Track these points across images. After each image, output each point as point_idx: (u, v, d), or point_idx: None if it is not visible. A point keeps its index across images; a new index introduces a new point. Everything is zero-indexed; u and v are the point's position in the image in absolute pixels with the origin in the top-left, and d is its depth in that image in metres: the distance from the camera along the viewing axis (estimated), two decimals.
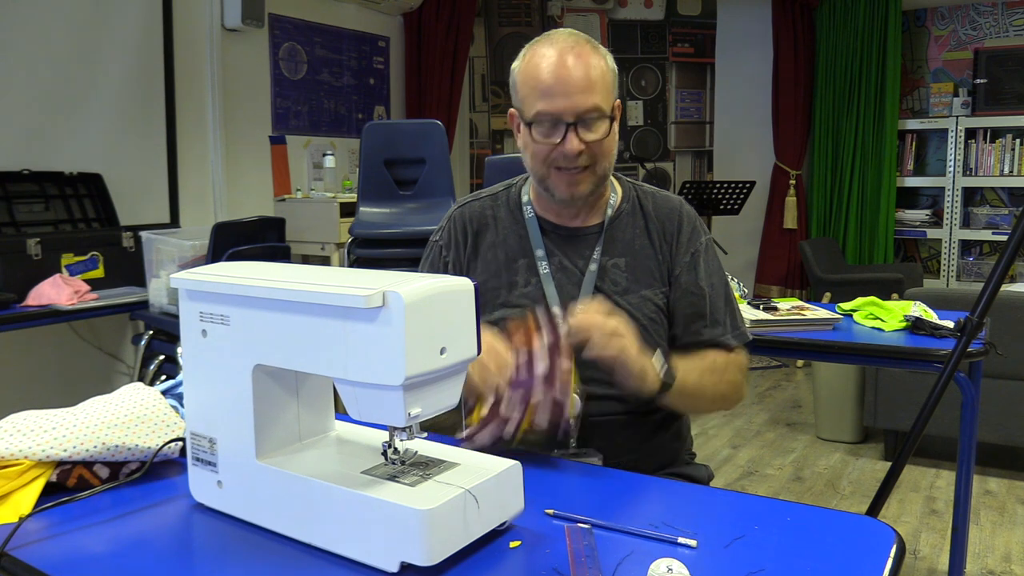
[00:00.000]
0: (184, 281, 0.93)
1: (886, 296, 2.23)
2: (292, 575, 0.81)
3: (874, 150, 5.03)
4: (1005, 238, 3.31)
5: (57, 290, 2.69)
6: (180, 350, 0.98)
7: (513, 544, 0.86)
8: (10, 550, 0.84)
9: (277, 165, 4.22)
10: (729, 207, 4.63)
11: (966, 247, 5.02)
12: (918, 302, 2.05)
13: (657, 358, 1.21)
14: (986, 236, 4.88)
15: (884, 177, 5.01)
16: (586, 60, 1.26)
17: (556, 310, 1.16)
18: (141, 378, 3.04)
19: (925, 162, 5.18)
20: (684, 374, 1.24)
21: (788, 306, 2.16)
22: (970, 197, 5.04)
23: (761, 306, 2.16)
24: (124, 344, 3.46)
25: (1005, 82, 4.73)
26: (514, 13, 5.07)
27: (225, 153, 3.90)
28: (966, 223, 4.97)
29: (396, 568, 0.79)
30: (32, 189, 3.01)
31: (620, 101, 1.33)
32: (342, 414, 0.97)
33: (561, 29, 1.32)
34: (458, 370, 0.86)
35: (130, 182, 3.41)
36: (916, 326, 1.93)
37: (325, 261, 3.87)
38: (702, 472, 1.44)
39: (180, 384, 1.18)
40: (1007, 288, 3.41)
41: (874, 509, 1.75)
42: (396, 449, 0.89)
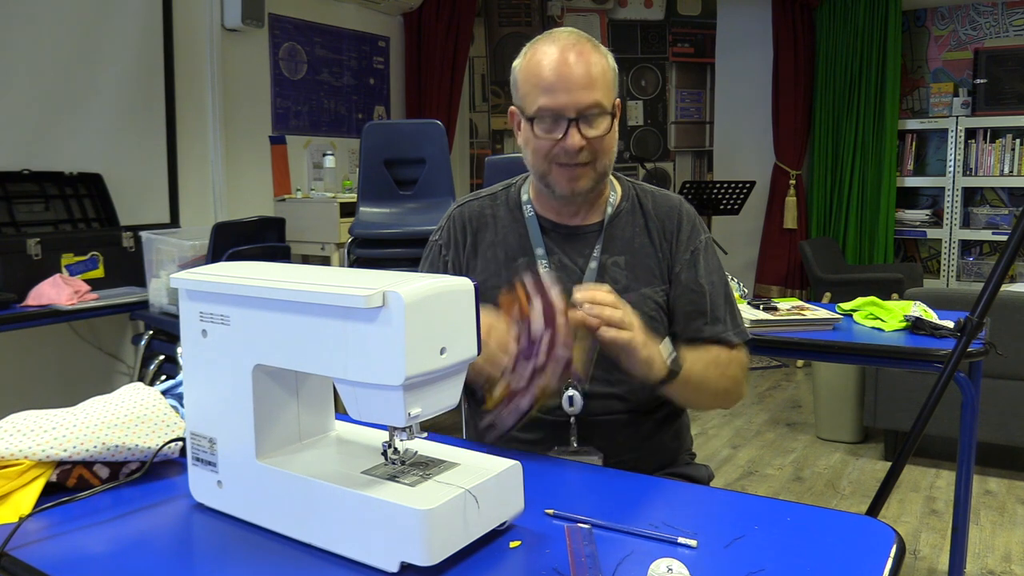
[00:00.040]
0: (184, 281, 0.93)
1: (886, 296, 2.23)
2: (292, 575, 0.81)
3: (874, 150, 5.02)
4: (1005, 238, 3.31)
5: (57, 290, 2.69)
6: (180, 350, 0.98)
7: (513, 544, 0.86)
8: (10, 550, 0.84)
9: (277, 165, 4.22)
10: (729, 207, 4.63)
11: (966, 247, 5.02)
12: (918, 302, 2.05)
13: (665, 345, 1.21)
14: (986, 236, 4.88)
15: (884, 177, 5.01)
16: (587, 57, 1.26)
17: (543, 271, 1.15)
18: (141, 378, 3.04)
19: (925, 162, 5.17)
20: (690, 364, 1.24)
21: (788, 306, 2.16)
22: (970, 197, 5.04)
23: (761, 306, 2.16)
24: (124, 344, 3.46)
25: (1005, 82, 4.73)
26: (514, 13, 5.07)
27: (225, 153, 3.90)
28: (966, 223, 4.97)
29: (396, 568, 0.79)
30: (32, 189, 3.01)
31: (620, 100, 1.33)
32: (342, 414, 0.97)
33: (562, 28, 1.33)
34: (458, 370, 0.86)
35: (130, 182, 3.41)
36: (916, 326, 1.93)
37: (325, 261, 3.87)
38: (702, 472, 1.44)
39: (180, 384, 1.18)
40: (1007, 288, 3.40)
41: (874, 509, 1.75)
42: (396, 449, 0.89)
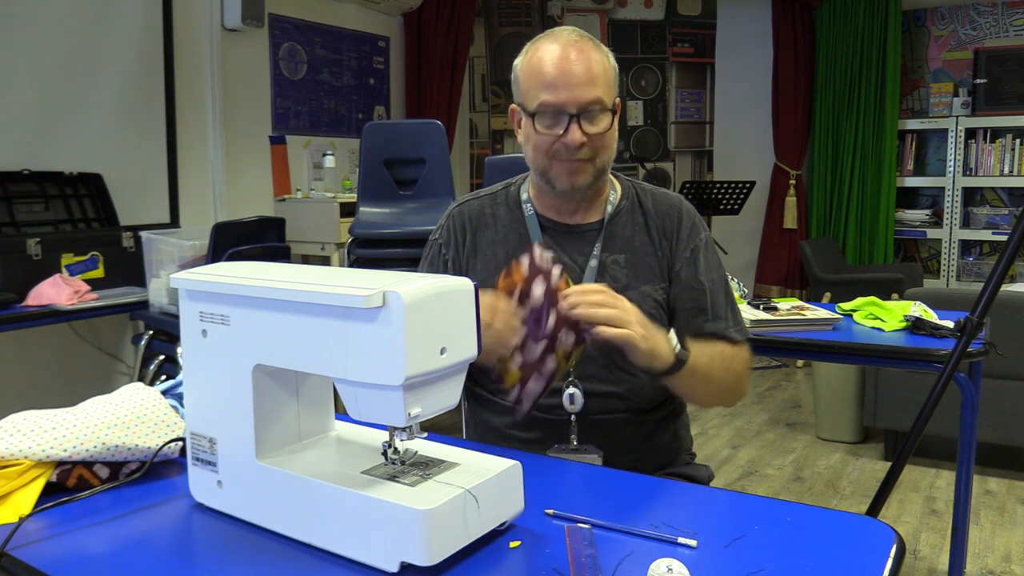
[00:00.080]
0: (184, 281, 0.93)
1: (886, 296, 2.23)
2: (292, 575, 0.81)
3: (874, 150, 5.02)
4: (1005, 238, 3.31)
5: (57, 290, 2.69)
6: (180, 350, 0.98)
7: (513, 544, 0.86)
8: (10, 550, 0.84)
9: (277, 165, 4.22)
10: (729, 207, 4.63)
11: (966, 247, 5.02)
12: (918, 302, 2.05)
13: (671, 336, 1.21)
14: (986, 236, 4.88)
15: (884, 177, 5.01)
16: (589, 55, 1.28)
17: (541, 252, 1.15)
18: (141, 378, 3.04)
19: (925, 162, 5.17)
20: (695, 355, 1.24)
21: (788, 306, 2.16)
22: (970, 197, 5.04)
23: (761, 306, 2.16)
24: (124, 344, 3.47)
25: (1005, 82, 4.73)
26: (514, 13, 5.07)
27: (225, 153, 3.90)
28: (966, 223, 4.97)
29: (396, 568, 0.79)
30: (32, 189, 3.01)
31: (620, 100, 1.34)
32: (342, 414, 0.97)
33: (564, 27, 1.34)
34: (458, 370, 0.86)
35: (130, 182, 3.41)
36: (916, 326, 1.93)
37: (325, 261, 3.87)
38: (702, 472, 1.44)
39: (180, 384, 1.18)
40: (1007, 288, 3.40)
41: (874, 509, 1.75)
42: (396, 449, 0.89)
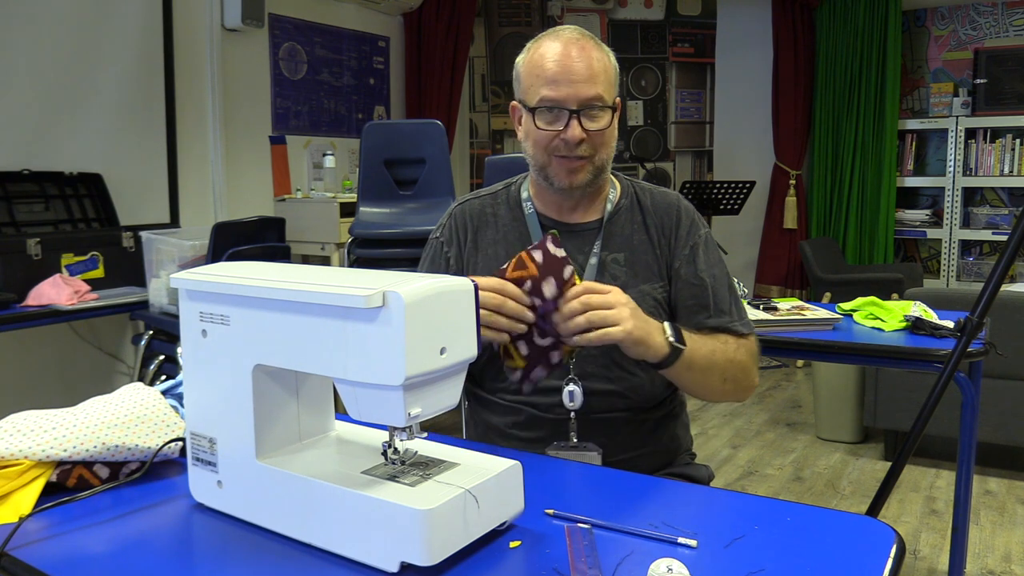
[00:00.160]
0: (184, 281, 0.93)
1: (886, 296, 2.23)
2: (292, 575, 0.81)
3: (874, 150, 5.02)
4: (1005, 238, 3.31)
5: (57, 290, 2.69)
6: (180, 350, 0.98)
7: (513, 544, 0.86)
8: (10, 550, 0.84)
9: (277, 165, 4.22)
10: (729, 207, 4.62)
11: (966, 247, 5.02)
12: (918, 302, 2.05)
13: (667, 326, 1.20)
14: (986, 236, 4.88)
15: (884, 177, 5.01)
16: (590, 53, 1.29)
17: (549, 241, 1.15)
18: (141, 378, 3.04)
19: (925, 162, 5.17)
20: (695, 346, 1.23)
21: (788, 306, 2.16)
22: (970, 197, 5.04)
23: (761, 306, 2.16)
24: (124, 344, 3.46)
25: (1005, 82, 4.73)
26: (514, 13, 5.07)
27: (225, 153, 3.90)
28: (966, 223, 4.97)
29: (396, 568, 0.79)
30: (32, 189, 3.01)
31: (620, 99, 1.34)
32: (342, 414, 0.97)
33: (565, 26, 1.34)
34: (458, 370, 0.86)
35: (130, 182, 3.41)
36: (916, 326, 1.93)
37: (325, 261, 3.87)
38: (702, 472, 1.44)
39: (180, 384, 1.18)
40: (1007, 288, 3.40)
41: (874, 509, 1.75)
42: (396, 449, 0.89)
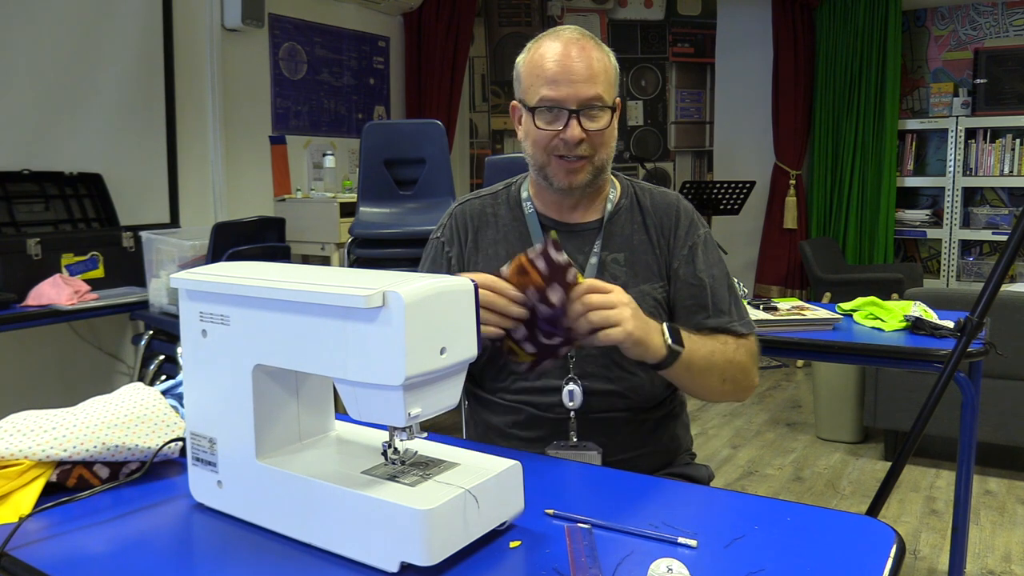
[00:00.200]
0: (184, 281, 0.93)
1: (886, 296, 2.23)
2: (292, 575, 0.81)
3: (874, 150, 5.02)
4: (1005, 238, 3.31)
5: (57, 290, 2.69)
6: (180, 350, 0.98)
7: (513, 544, 0.86)
8: (10, 550, 0.84)
9: (277, 165, 4.22)
10: (729, 207, 4.62)
11: (966, 247, 5.02)
12: (918, 302, 2.05)
13: (665, 328, 1.20)
14: (986, 236, 4.88)
15: (884, 177, 5.01)
16: (590, 53, 1.29)
17: (551, 247, 1.13)
18: (141, 378, 3.04)
19: (925, 162, 5.17)
20: (694, 346, 1.23)
21: (788, 306, 2.16)
22: (970, 197, 5.04)
23: (761, 306, 2.16)
24: (124, 344, 3.46)
25: (1005, 82, 4.73)
26: (514, 13, 5.07)
27: (225, 153, 3.90)
28: (966, 223, 4.97)
29: (396, 568, 0.79)
30: (32, 189, 3.01)
31: (620, 100, 1.34)
32: (342, 414, 0.97)
33: (566, 26, 1.35)
34: (458, 370, 0.86)
35: (130, 182, 3.41)
36: (916, 326, 1.93)
37: (325, 261, 3.87)
38: (702, 472, 1.44)
39: (180, 384, 1.18)
40: (1007, 288, 3.40)
41: (874, 509, 1.75)
42: (396, 449, 0.89)
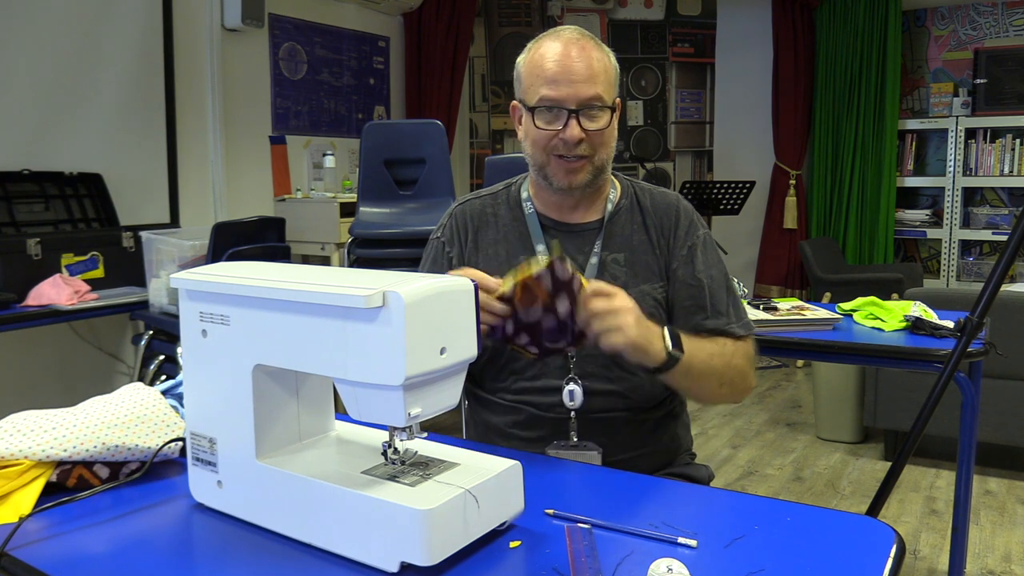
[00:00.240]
0: (184, 281, 0.93)
1: (886, 296, 2.23)
2: (292, 575, 0.81)
3: (874, 150, 5.02)
4: (1005, 238, 3.31)
5: (57, 290, 2.69)
6: (180, 350, 0.98)
7: (513, 544, 0.86)
8: (10, 550, 0.84)
9: (277, 165, 4.22)
10: (729, 207, 4.62)
11: (966, 247, 5.02)
12: (918, 302, 2.05)
13: (666, 333, 1.20)
14: (986, 236, 4.88)
15: (884, 177, 5.01)
16: (590, 53, 1.29)
17: (556, 263, 1.12)
18: (141, 378, 3.04)
19: (925, 162, 5.17)
20: (693, 352, 1.23)
21: (788, 306, 2.16)
22: (970, 197, 5.04)
23: (761, 306, 2.16)
24: (124, 344, 3.46)
25: (1005, 82, 4.73)
26: (514, 13, 5.07)
27: (225, 153, 3.89)
28: (966, 223, 4.97)
29: (396, 568, 0.79)
30: (32, 189, 3.01)
31: (620, 100, 1.34)
32: (342, 414, 0.97)
33: (566, 26, 1.35)
34: (458, 370, 0.86)
35: (130, 182, 3.41)
36: (916, 326, 1.93)
37: (325, 261, 3.87)
38: (702, 472, 1.44)
39: (180, 384, 1.18)
40: (1007, 288, 3.40)
41: (874, 509, 1.75)
42: (396, 449, 0.89)
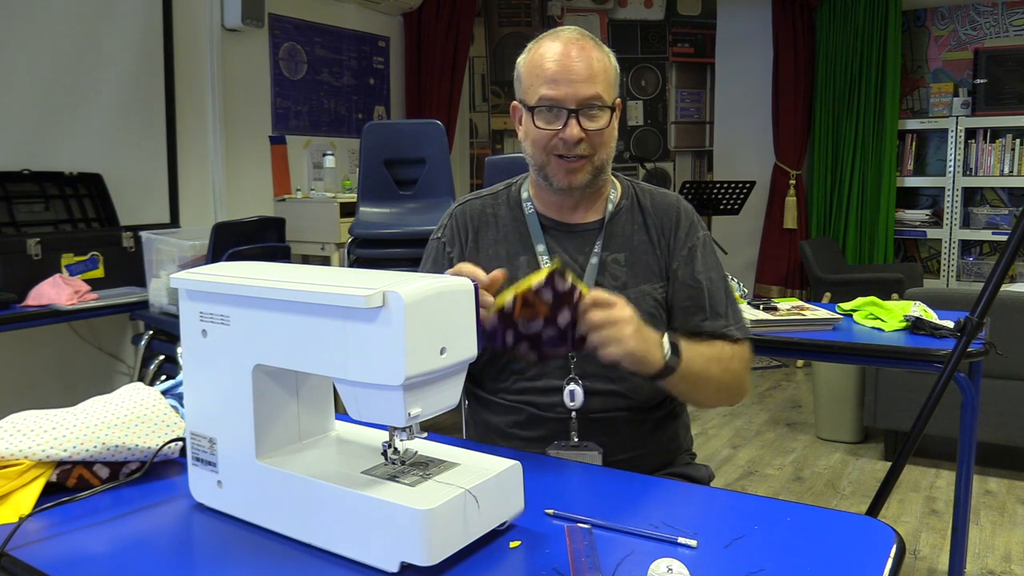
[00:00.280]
0: (184, 281, 0.93)
1: (886, 296, 2.23)
2: (292, 575, 0.81)
3: (874, 150, 5.02)
4: (1005, 238, 3.31)
5: (57, 290, 2.69)
6: (180, 350, 0.98)
7: (513, 544, 0.86)
8: (10, 550, 0.84)
9: (277, 165, 4.22)
10: (729, 207, 4.62)
11: (966, 247, 5.02)
12: (918, 302, 2.05)
13: (665, 340, 1.20)
14: (986, 236, 4.88)
15: (884, 177, 5.01)
16: (589, 53, 1.29)
17: (556, 277, 1.11)
18: (141, 378, 3.04)
19: (925, 162, 5.17)
20: (690, 358, 1.23)
21: (788, 306, 2.16)
22: (970, 197, 5.04)
23: (761, 306, 2.16)
24: (124, 344, 3.46)
25: (1005, 82, 4.73)
26: (514, 13, 5.07)
27: (225, 153, 3.89)
28: (966, 223, 4.97)
29: (396, 568, 0.79)
30: (32, 189, 3.01)
31: (620, 100, 1.34)
32: (342, 414, 0.97)
33: (566, 26, 1.35)
34: (458, 370, 0.86)
35: (130, 182, 3.41)
36: (916, 326, 1.93)
37: (325, 261, 3.87)
38: (702, 472, 1.44)
39: (180, 384, 1.18)
40: (1007, 288, 3.40)
41: (874, 509, 1.75)
42: (396, 449, 0.89)
